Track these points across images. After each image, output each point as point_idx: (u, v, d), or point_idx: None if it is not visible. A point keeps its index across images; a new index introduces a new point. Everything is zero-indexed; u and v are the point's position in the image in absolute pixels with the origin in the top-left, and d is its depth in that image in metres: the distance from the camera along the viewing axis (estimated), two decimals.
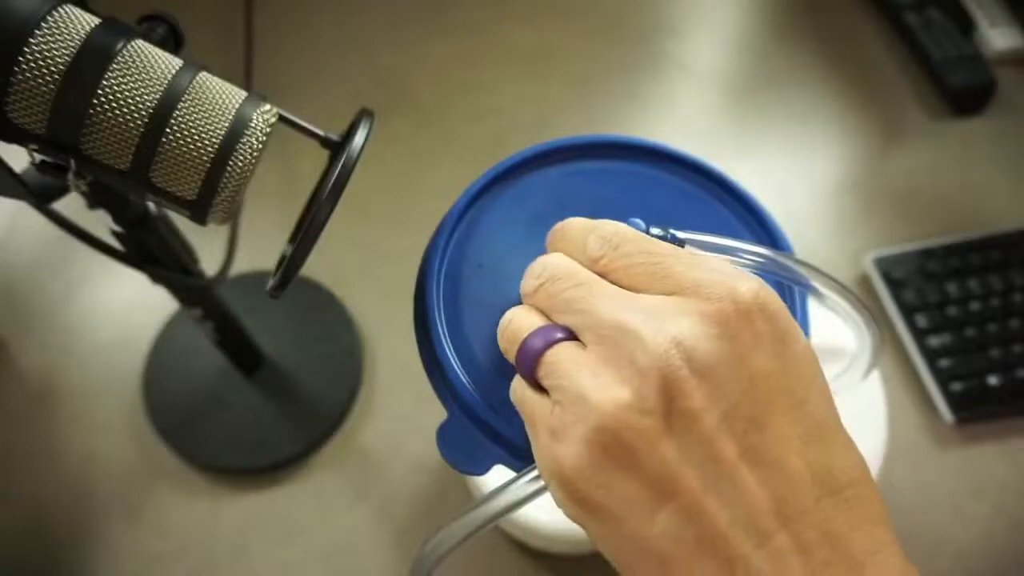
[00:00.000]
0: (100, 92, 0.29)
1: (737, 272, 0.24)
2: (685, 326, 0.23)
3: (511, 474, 0.28)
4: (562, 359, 0.25)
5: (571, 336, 0.25)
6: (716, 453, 0.22)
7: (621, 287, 0.25)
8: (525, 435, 0.30)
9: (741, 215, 0.36)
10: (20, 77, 0.28)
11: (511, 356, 0.27)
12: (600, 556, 0.24)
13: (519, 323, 0.27)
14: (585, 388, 0.23)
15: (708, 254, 0.26)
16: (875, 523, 0.23)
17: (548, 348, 0.25)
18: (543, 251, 0.35)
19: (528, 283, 0.28)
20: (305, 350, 0.64)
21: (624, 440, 0.22)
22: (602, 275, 0.26)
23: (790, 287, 0.33)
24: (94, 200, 0.39)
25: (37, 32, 0.29)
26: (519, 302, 0.33)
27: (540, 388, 0.26)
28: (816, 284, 0.30)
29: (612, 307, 0.24)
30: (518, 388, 0.27)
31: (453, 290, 0.33)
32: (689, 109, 0.78)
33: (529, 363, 0.26)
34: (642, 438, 0.22)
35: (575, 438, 0.23)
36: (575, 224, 0.29)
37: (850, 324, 0.32)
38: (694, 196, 0.36)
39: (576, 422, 0.23)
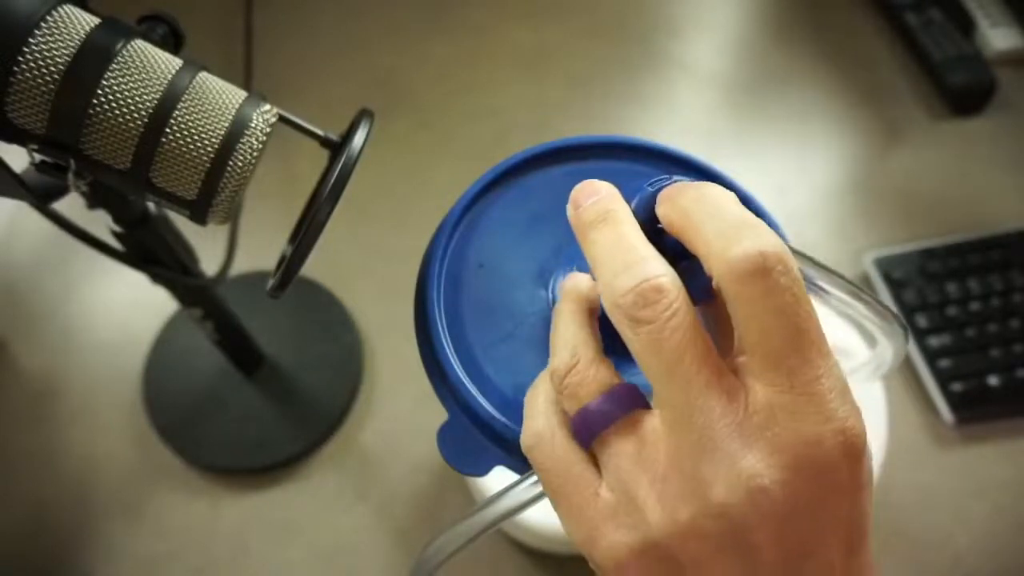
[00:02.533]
0: (100, 92, 0.29)
1: (844, 405, 0.21)
2: (772, 469, 0.20)
3: (511, 475, 0.28)
4: (624, 445, 0.22)
5: (644, 404, 0.23)
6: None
7: (733, 318, 0.22)
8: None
9: None
10: (20, 77, 0.28)
11: (568, 407, 0.24)
12: None
13: (584, 374, 0.23)
14: (645, 500, 0.22)
15: (832, 356, 0.22)
16: None
17: (616, 422, 0.22)
18: (543, 251, 0.35)
19: (620, 292, 0.22)
20: (305, 350, 0.64)
21: (676, 558, 0.22)
22: (728, 296, 0.21)
23: None
24: (94, 200, 0.39)
25: (37, 32, 0.29)
26: (520, 301, 0.33)
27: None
28: (818, 281, 0.29)
29: (714, 409, 0.21)
30: (558, 446, 0.24)
31: (453, 290, 0.33)
32: (689, 109, 0.78)
33: (587, 437, 0.23)
34: (693, 562, 0.21)
35: (622, 545, 0.22)
36: (727, 202, 0.23)
37: (870, 328, 0.31)
38: None
39: (628, 528, 0.22)
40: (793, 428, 0.20)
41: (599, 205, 0.25)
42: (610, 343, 0.25)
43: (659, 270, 0.22)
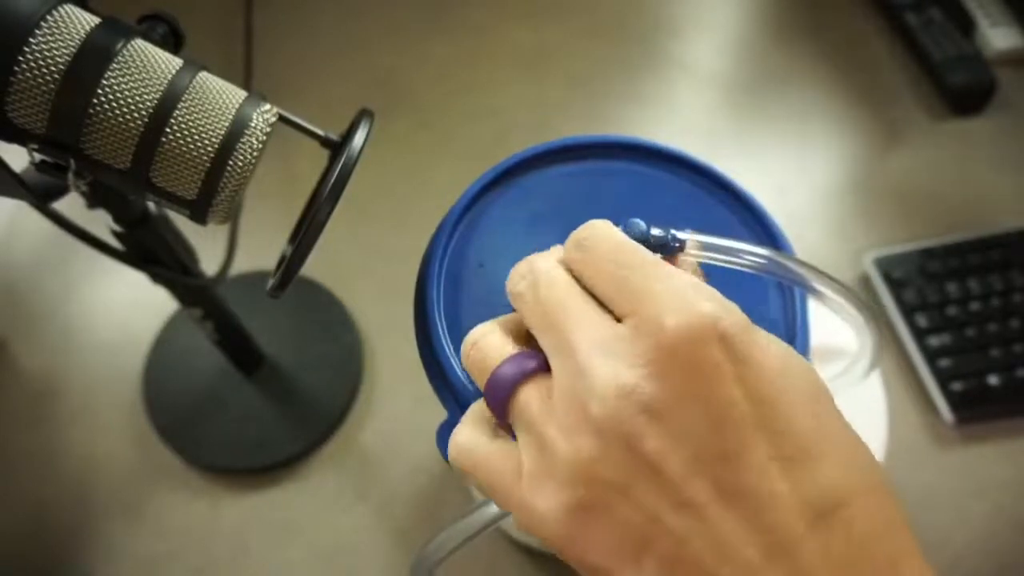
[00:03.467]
0: (100, 92, 0.29)
1: (698, 295, 0.23)
2: (638, 370, 0.22)
3: None
4: (531, 399, 0.24)
5: (543, 363, 0.24)
6: (688, 497, 0.21)
7: (594, 295, 0.24)
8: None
9: (741, 215, 0.36)
10: (20, 77, 0.28)
11: (480, 387, 0.26)
12: None
13: (486, 348, 0.26)
14: (549, 439, 0.23)
15: (673, 269, 0.24)
16: (886, 536, 0.22)
17: (520, 384, 0.24)
18: (543, 250, 0.35)
19: (514, 282, 0.27)
20: (305, 350, 0.64)
21: (596, 495, 0.22)
22: (577, 279, 0.25)
23: (790, 288, 0.33)
24: (94, 200, 0.39)
25: (37, 32, 0.29)
26: None
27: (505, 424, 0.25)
28: (816, 285, 0.30)
29: (580, 336, 0.23)
30: (477, 444, 0.25)
31: (453, 290, 0.33)
32: (689, 109, 0.78)
33: (499, 404, 0.25)
34: (613, 490, 0.22)
35: (553, 509, 0.22)
36: (593, 226, 0.27)
37: (851, 324, 0.32)
38: (694, 196, 0.36)
39: (551, 485, 0.23)
40: (647, 331, 0.22)
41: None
42: None
43: (532, 262, 0.26)
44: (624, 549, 0.22)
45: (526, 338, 0.26)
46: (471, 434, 0.26)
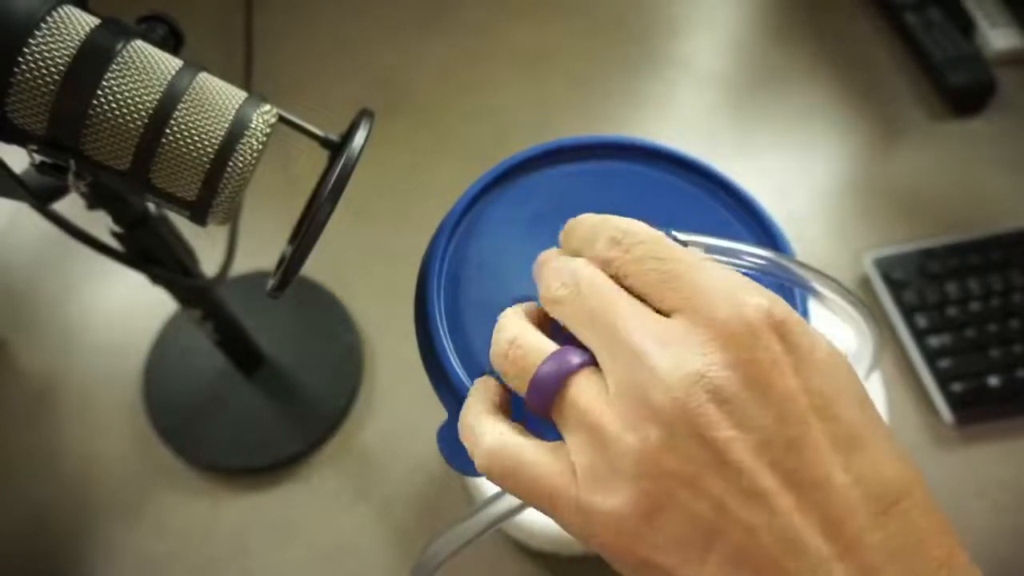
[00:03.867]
0: (100, 92, 0.29)
1: (745, 287, 0.23)
2: (701, 359, 0.21)
3: None
4: (586, 401, 0.23)
5: (589, 359, 0.24)
6: (755, 486, 0.21)
7: (632, 292, 0.24)
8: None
9: (741, 216, 0.36)
10: (20, 78, 0.28)
11: (518, 386, 0.25)
12: (599, 557, 0.24)
13: (526, 345, 0.25)
14: (609, 432, 0.22)
15: (714, 261, 0.24)
16: (939, 530, 0.22)
17: (566, 379, 0.24)
18: (543, 250, 0.35)
19: (553, 289, 0.25)
20: (305, 350, 0.64)
21: (664, 487, 0.21)
22: (614, 278, 0.25)
23: (790, 289, 0.33)
24: (94, 201, 0.39)
25: (37, 32, 0.29)
26: (520, 301, 0.33)
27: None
28: (817, 286, 0.30)
29: (632, 328, 0.23)
30: (514, 448, 0.24)
31: (453, 290, 0.33)
32: (689, 109, 0.78)
33: (544, 401, 0.24)
34: (681, 482, 0.21)
35: (613, 491, 0.22)
36: (587, 222, 0.27)
37: (851, 326, 0.32)
38: (694, 197, 0.36)
39: (609, 474, 0.22)
40: (702, 322, 0.22)
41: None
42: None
43: (568, 263, 0.26)
44: (691, 544, 0.21)
45: (551, 334, 0.26)
46: (503, 435, 0.24)
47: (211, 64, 0.33)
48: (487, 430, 0.25)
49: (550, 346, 0.25)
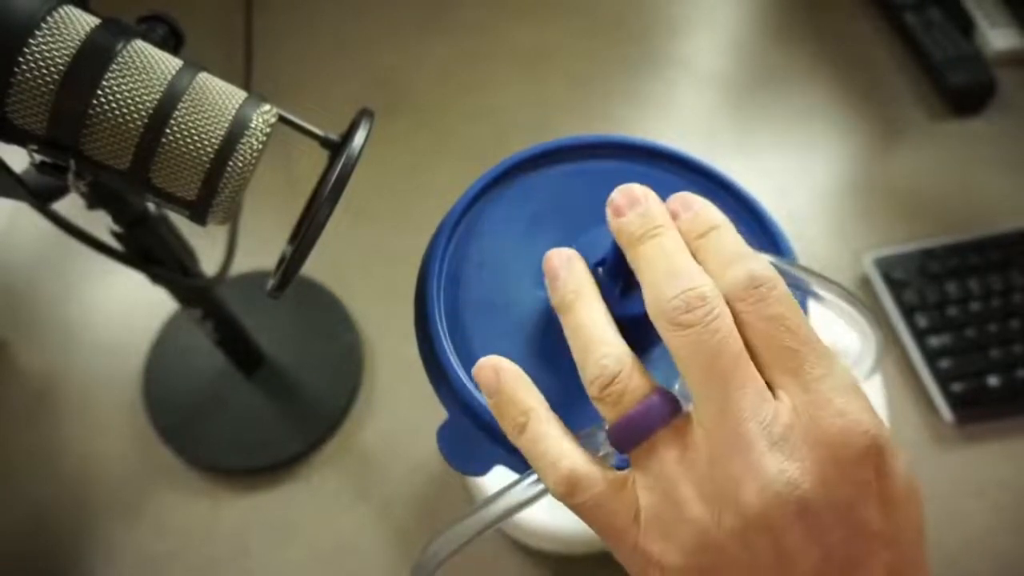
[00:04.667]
0: (100, 92, 0.29)
1: (858, 403, 0.23)
2: (800, 469, 0.22)
3: (511, 474, 0.28)
4: (672, 459, 0.23)
5: (683, 413, 0.24)
6: None
7: (744, 340, 0.24)
8: None
9: (741, 216, 0.36)
10: (20, 78, 0.28)
11: (603, 412, 0.25)
12: (599, 557, 0.24)
13: (627, 384, 0.24)
14: (684, 496, 0.23)
15: (835, 355, 0.24)
16: None
17: (657, 430, 0.24)
18: (543, 250, 0.35)
19: (672, 301, 0.24)
20: (305, 350, 0.64)
21: (718, 563, 0.22)
22: (732, 314, 0.24)
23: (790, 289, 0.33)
24: (94, 200, 0.39)
25: (37, 32, 0.29)
26: (520, 301, 0.33)
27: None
28: (819, 290, 0.30)
29: (745, 410, 0.22)
30: (595, 480, 0.24)
31: (454, 290, 0.33)
32: (689, 109, 0.78)
33: (630, 443, 0.24)
34: (737, 565, 0.22)
35: (671, 550, 0.23)
36: (727, 236, 0.26)
37: (853, 327, 0.32)
38: None
39: (672, 533, 0.23)
40: (811, 428, 0.22)
41: (646, 221, 0.26)
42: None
43: (702, 280, 0.24)
44: None
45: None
46: (579, 465, 0.25)
47: (211, 64, 0.33)
48: (564, 455, 0.25)
49: (649, 387, 0.24)
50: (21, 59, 0.28)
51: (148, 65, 0.30)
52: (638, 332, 0.32)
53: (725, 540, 0.22)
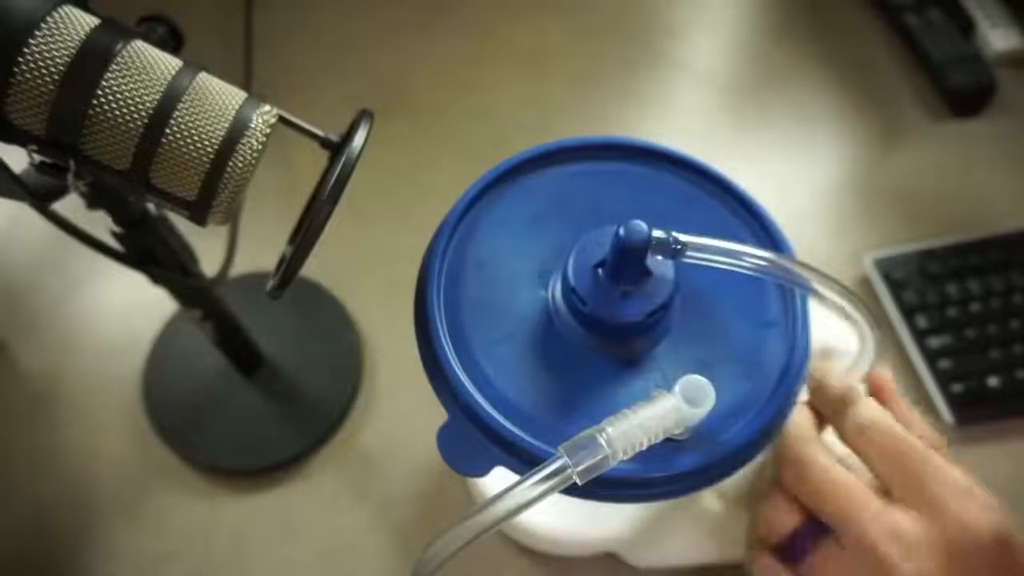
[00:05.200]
0: (100, 93, 0.29)
1: (980, 500, 0.28)
2: (937, 569, 0.27)
3: (511, 476, 0.28)
4: (828, 572, 0.30)
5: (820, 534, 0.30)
6: None
7: (866, 463, 0.30)
8: (526, 436, 0.30)
9: (741, 216, 0.36)
10: (20, 78, 0.28)
11: (766, 538, 0.33)
12: (599, 558, 0.24)
13: (778, 517, 0.32)
14: None
15: (948, 465, 0.30)
16: None
17: (815, 552, 0.30)
18: (543, 251, 0.35)
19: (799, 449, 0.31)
20: (305, 350, 0.64)
21: None
22: (852, 447, 0.31)
23: (791, 289, 0.33)
24: (94, 201, 0.39)
25: (37, 33, 0.29)
26: (520, 301, 0.33)
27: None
28: (817, 286, 0.30)
29: (868, 525, 0.28)
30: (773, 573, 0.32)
31: (454, 290, 0.33)
32: (689, 110, 0.78)
33: (795, 559, 0.31)
34: None
35: None
36: (835, 387, 0.33)
37: (851, 325, 0.32)
38: (694, 197, 0.36)
39: None
40: (940, 525, 0.28)
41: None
42: None
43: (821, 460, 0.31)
44: None
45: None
46: (772, 567, 0.32)
47: (211, 64, 0.33)
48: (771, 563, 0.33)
49: (798, 520, 0.32)
50: (21, 59, 0.28)
51: (148, 65, 0.30)
52: (638, 333, 0.32)
53: None
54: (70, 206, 0.39)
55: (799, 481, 0.31)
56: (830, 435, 0.34)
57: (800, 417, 0.33)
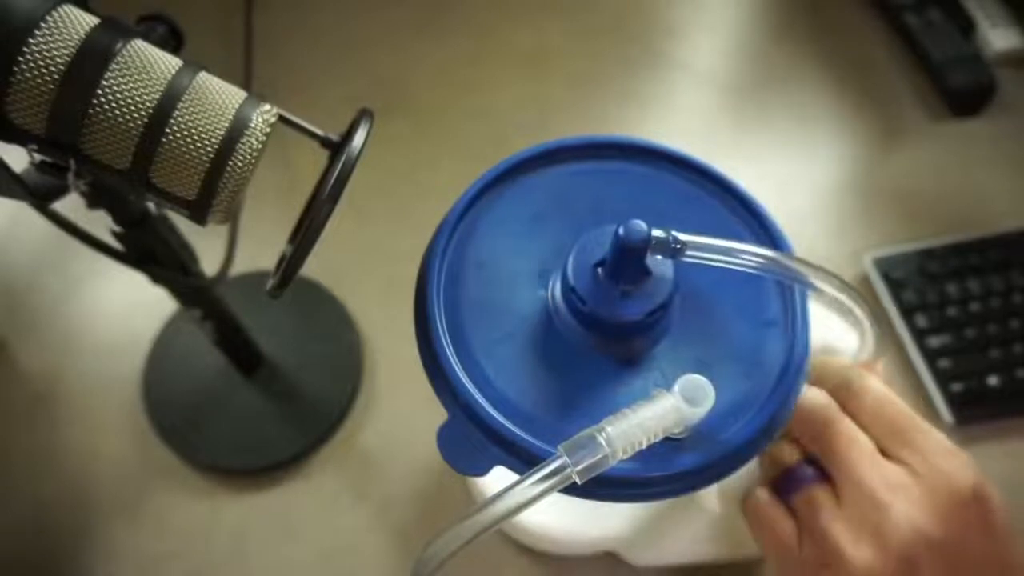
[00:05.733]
0: (100, 92, 0.29)
1: (961, 461, 0.31)
2: (924, 514, 0.30)
3: (511, 475, 0.28)
4: (823, 504, 0.32)
5: (826, 477, 0.33)
6: None
7: (860, 425, 0.33)
8: (525, 436, 0.30)
9: (741, 215, 0.36)
10: (19, 77, 0.28)
11: (770, 475, 0.36)
12: (599, 557, 0.24)
13: (781, 453, 0.35)
14: (841, 543, 0.31)
15: (931, 428, 0.33)
16: None
17: (812, 484, 0.33)
18: (543, 251, 0.35)
19: (806, 420, 0.34)
20: (305, 350, 0.64)
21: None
22: (847, 412, 0.34)
23: (790, 287, 0.33)
24: (94, 200, 0.39)
25: (36, 32, 0.29)
26: (520, 301, 0.33)
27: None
28: (816, 282, 0.30)
29: (867, 471, 0.31)
30: (766, 504, 0.35)
31: (453, 290, 0.33)
32: (689, 109, 0.78)
33: (791, 490, 0.34)
34: None
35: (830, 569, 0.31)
36: (832, 362, 0.36)
37: (851, 322, 0.33)
38: (694, 196, 0.36)
39: (825, 568, 0.31)
40: (927, 478, 0.31)
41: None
42: None
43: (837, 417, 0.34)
44: None
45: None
46: (767, 499, 0.35)
47: (211, 64, 0.33)
48: (763, 493, 0.36)
49: (798, 456, 0.35)
50: (21, 58, 0.28)
51: (148, 65, 0.30)
52: (638, 332, 0.32)
53: (870, 570, 0.30)
54: (70, 205, 0.39)
55: (804, 425, 0.34)
56: None
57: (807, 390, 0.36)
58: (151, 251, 0.44)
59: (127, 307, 0.66)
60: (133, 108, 0.30)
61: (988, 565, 0.30)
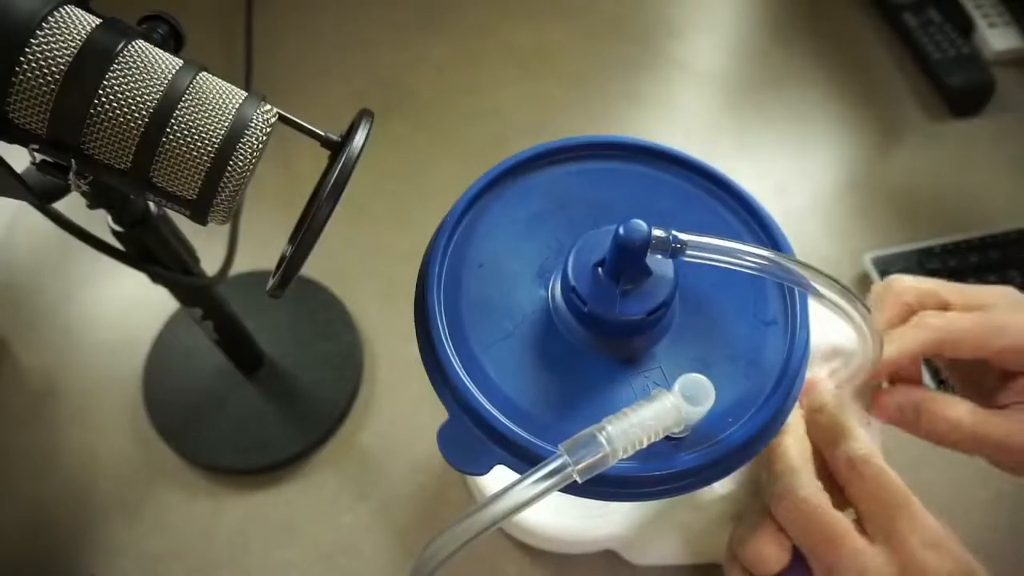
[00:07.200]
0: (101, 92, 0.29)
1: (944, 553, 0.31)
2: None
3: (512, 474, 0.28)
4: None
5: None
6: None
7: (848, 496, 0.34)
8: (526, 435, 0.30)
9: (741, 215, 0.36)
10: (21, 78, 0.28)
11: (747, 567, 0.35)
12: (599, 557, 0.24)
13: (761, 553, 0.34)
14: None
15: (920, 511, 0.33)
16: None
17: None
18: (543, 250, 0.35)
19: (778, 496, 0.34)
20: (305, 350, 0.64)
21: None
22: (837, 478, 0.34)
23: (790, 288, 0.33)
24: (94, 200, 0.39)
25: (38, 33, 0.29)
26: (520, 301, 0.33)
27: None
28: (816, 285, 0.30)
29: (847, 560, 0.31)
30: None
31: (454, 290, 0.33)
32: (689, 109, 0.78)
33: None
34: None
35: None
36: (829, 417, 0.36)
37: (850, 324, 0.32)
38: (694, 196, 0.36)
39: None
40: (898, 572, 0.31)
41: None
42: None
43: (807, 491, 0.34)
44: None
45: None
46: None
47: (211, 64, 0.33)
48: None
49: (785, 559, 0.34)
50: (22, 59, 0.28)
51: (149, 65, 0.30)
52: (638, 332, 0.32)
53: None
54: (71, 205, 0.39)
55: (781, 509, 0.34)
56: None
57: (787, 443, 0.35)
58: (152, 251, 0.44)
59: (127, 307, 0.66)
60: (134, 108, 0.30)
61: None
